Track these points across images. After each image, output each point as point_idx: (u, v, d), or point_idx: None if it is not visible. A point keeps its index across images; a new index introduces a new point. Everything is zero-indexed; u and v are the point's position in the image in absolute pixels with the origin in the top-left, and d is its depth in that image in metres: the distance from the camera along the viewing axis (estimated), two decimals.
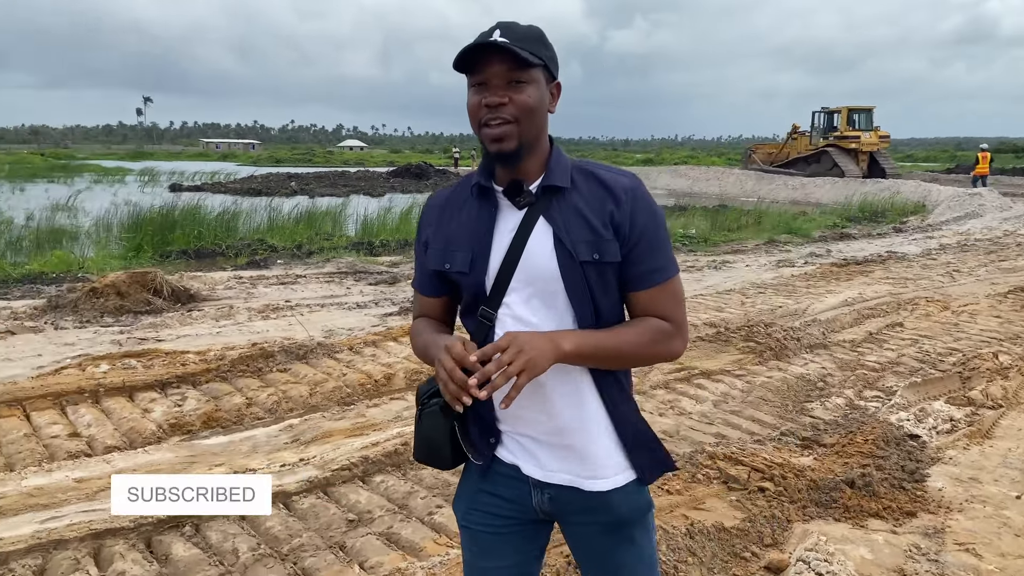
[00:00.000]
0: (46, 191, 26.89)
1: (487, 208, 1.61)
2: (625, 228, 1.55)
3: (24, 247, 13.24)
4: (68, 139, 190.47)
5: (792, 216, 18.80)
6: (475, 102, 1.52)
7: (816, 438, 4.47)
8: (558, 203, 1.56)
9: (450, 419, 1.63)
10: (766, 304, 8.27)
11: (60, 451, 4.22)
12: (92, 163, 53.89)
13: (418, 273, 1.76)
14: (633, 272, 1.57)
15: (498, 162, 1.56)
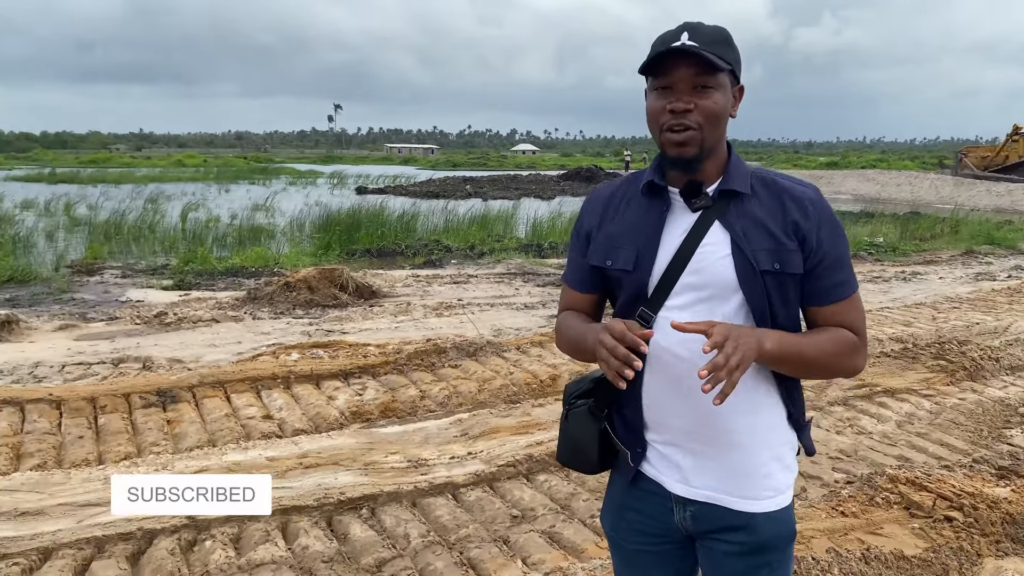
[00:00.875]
0: (247, 192, 29.36)
1: (658, 207, 1.57)
2: (812, 241, 1.50)
3: (228, 243, 14.54)
4: (267, 144, 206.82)
5: (995, 225, 17.20)
6: (658, 106, 1.49)
7: (1015, 468, 4.08)
8: (736, 209, 1.52)
9: (599, 421, 1.63)
10: (961, 320, 7.63)
11: (255, 431, 4.61)
12: (288, 166, 58.16)
13: (571, 267, 1.72)
14: (817, 286, 1.52)
15: (676, 167, 1.53)
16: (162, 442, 4.40)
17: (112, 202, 20.55)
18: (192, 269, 11.07)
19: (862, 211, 23.17)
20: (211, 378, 5.37)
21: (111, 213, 17.35)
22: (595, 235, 1.64)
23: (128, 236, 15.02)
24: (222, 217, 18.56)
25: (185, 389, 5.19)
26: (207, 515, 3.31)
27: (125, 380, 5.36)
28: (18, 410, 4.68)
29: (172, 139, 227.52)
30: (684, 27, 1.48)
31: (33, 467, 3.97)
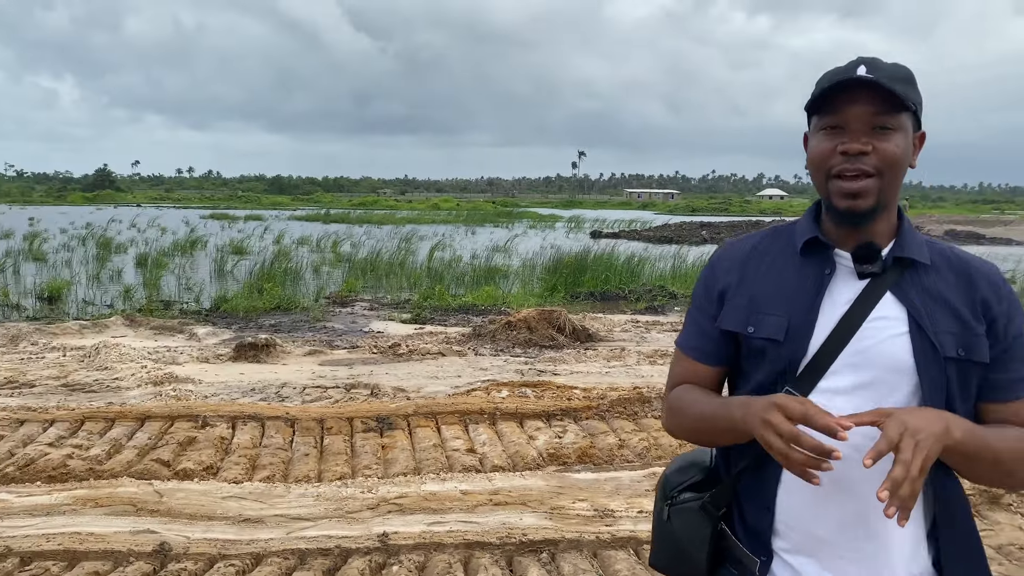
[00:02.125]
0: (491, 234, 31.02)
1: (817, 269, 1.34)
2: (1001, 325, 1.30)
3: (465, 281, 15.45)
4: (515, 189, 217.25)
5: None
6: (827, 148, 1.29)
7: None
8: (912, 280, 1.32)
9: (713, 520, 1.40)
10: None
11: (457, 463, 4.83)
12: (531, 211, 60.82)
13: (693, 332, 1.47)
14: (1002, 378, 1.30)
15: (845, 221, 1.32)
16: (374, 466, 4.74)
17: (372, 240, 22.70)
18: (429, 305, 11.89)
19: None
20: (425, 408, 5.72)
21: (369, 251, 19.15)
22: (732, 296, 1.40)
23: (381, 272, 16.44)
24: (464, 257, 19.76)
25: (401, 417, 5.57)
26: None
27: (352, 405, 5.87)
28: (260, 425, 5.29)
29: (431, 184, 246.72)
30: (861, 61, 1.29)
31: (263, 478, 4.46)
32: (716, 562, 1.42)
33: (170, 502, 4.01)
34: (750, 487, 1.37)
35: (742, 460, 1.38)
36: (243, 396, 6.33)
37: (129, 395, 6.31)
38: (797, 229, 1.41)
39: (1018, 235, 37.46)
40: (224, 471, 4.55)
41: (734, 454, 1.41)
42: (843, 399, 1.27)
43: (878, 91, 1.25)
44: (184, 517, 3.85)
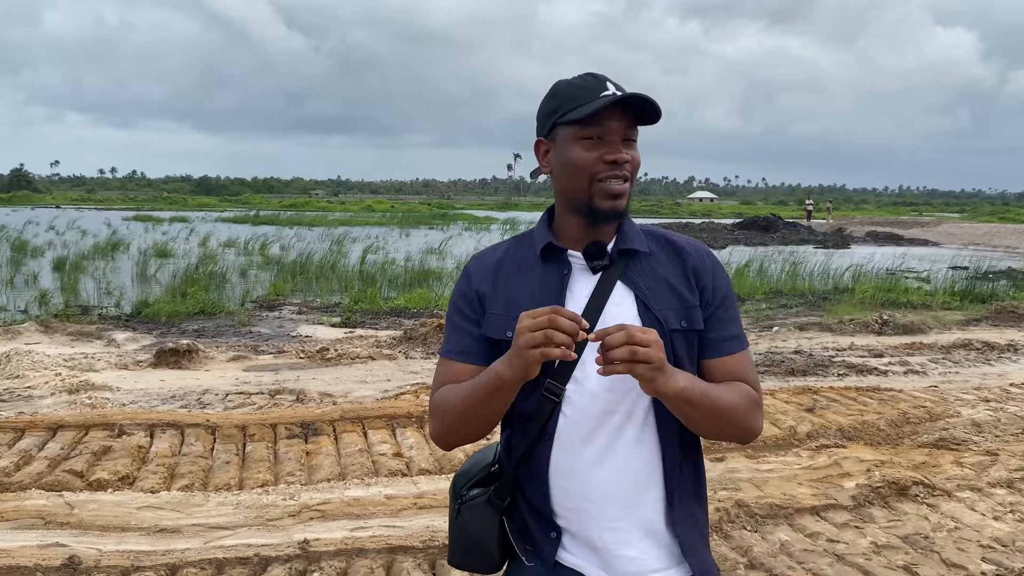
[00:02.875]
0: (425, 236, 30.86)
1: (556, 271, 1.48)
2: (709, 293, 1.49)
3: (398, 284, 15.33)
4: (451, 191, 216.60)
5: None
6: (591, 157, 1.41)
7: None
8: (636, 268, 1.48)
9: (499, 510, 1.50)
10: None
11: (383, 468, 4.80)
12: (467, 213, 60.63)
13: (458, 338, 1.53)
14: (715, 338, 1.49)
15: (602, 220, 1.46)
16: (297, 472, 4.68)
17: (303, 243, 22.32)
18: (360, 308, 11.77)
19: None
20: (352, 413, 5.66)
21: (299, 253, 18.83)
22: (490, 305, 1.50)
23: (311, 275, 16.18)
24: (397, 259, 19.61)
25: (327, 423, 5.50)
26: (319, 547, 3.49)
27: (276, 411, 5.77)
28: (179, 433, 5.16)
29: (366, 186, 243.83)
30: (602, 78, 1.44)
31: (181, 487, 4.35)
32: (508, 550, 1.52)
33: (81, 514, 3.88)
34: (529, 474, 1.47)
35: (520, 448, 1.47)
36: (163, 403, 6.16)
37: (42, 404, 6.09)
38: (535, 237, 1.54)
39: (934, 236, 39.14)
40: (140, 481, 4.42)
41: (512, 446, 1.50)
42: (594, 382, 1.41)
43: (634, 106, 1.41)
44: (96, 529, 3.73)
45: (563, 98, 1.45)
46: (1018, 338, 9.82)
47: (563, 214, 1.52)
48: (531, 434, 1.45)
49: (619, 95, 1.40)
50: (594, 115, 1.40)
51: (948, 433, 5.53)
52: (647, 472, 1.45)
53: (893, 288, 14.77)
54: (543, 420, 1.44)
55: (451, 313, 1.56)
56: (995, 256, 26.69)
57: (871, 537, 3.92)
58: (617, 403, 1.43)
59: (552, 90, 1.49)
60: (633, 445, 1.44)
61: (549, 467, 1.45)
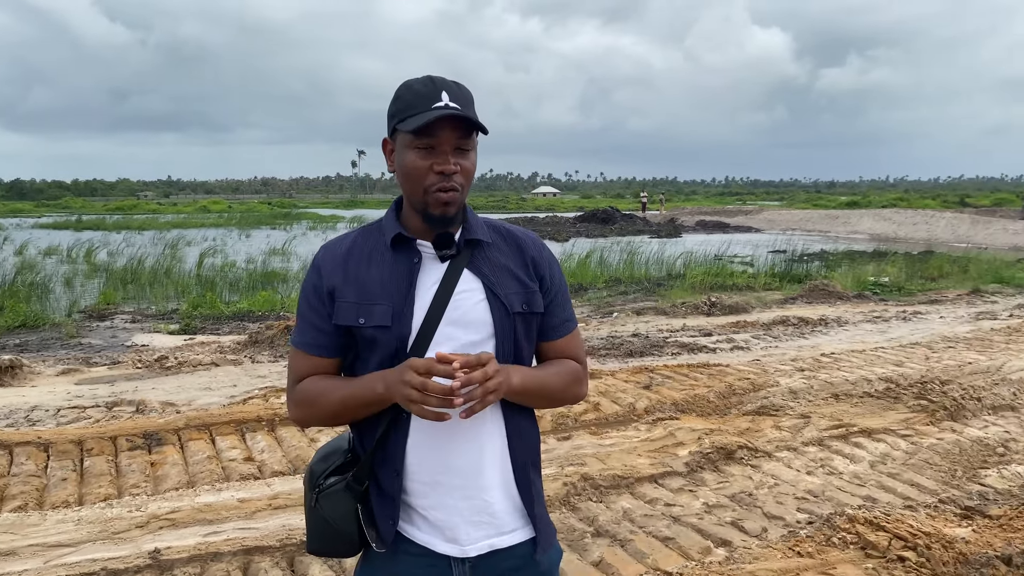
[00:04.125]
0: (267, 237, 29.81)
1: (406, 260, 1.58)
2: (547, 281, 1.65)
3: (240, 287, 14.81)
4: (293, 189, 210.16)
5: (1006, 264, 17.07)
6: (424, 166, 1.51)
7: (981, 508, 4.08)
8: (481, 256, 1.60)
9: (357, 495, 1.57)
10: (954, 360, 7.60)
11: (234, 473, 4.71)
12: (311, 211, 59.02)
13: (308, 330, 1.60)
14: (551, 321, 1.66)
15: (435, 224, 1.56)
16: (143, 484, 4.51)
17: (133, 248, 21.04)
18: (200, 314, 11.31)
19: (875, 250, 23.08)
20: (197, 421, 5.50)
21: (130, 259, 17.77)
22: (340, 294, 1.56)
23: (144, 282, 15.33)
24: (238, 262, 18.91)
25: (171, 432, 5.32)
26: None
27: (114, 423, 5.51)
28: (7, 453, 4.84)
29: (199, 186, 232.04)
30: (440, 85, 1.52)
31: (14, 509, 4.10)
32: (364, 534, 1.60)
33: None
34: (383, 457, 1.57)
35: (374, 434, 1.57)
36: None
37: None
38: (384, 227, 1.63)
39: (756, 223, 42.15)
40: None
41: (366, 432, 1.59)
42: None
43: (464, 121, 1.50)
44: None
45: (402, 103, 1.53)
46: (829, 313, 10.84)
47: (409, 209, 1.61)
48: (385, 418, 1.55)
49: (444, 112, 1.47)
50: (425, 126, 1.48)
51: (768, 401, 6.08)
52: (497, 443, 1.58)
53: (720, 272, 15.84)
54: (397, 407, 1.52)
55: (301, 305, 1.62)
56: (810, 239, 29.13)
57: (703, 498, 4.28)
58: None
59: (396, 92, 1.56)
60: (483, 420, 1.56)
61: (406, 447, 1.55)
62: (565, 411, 5.75)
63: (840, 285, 13.10)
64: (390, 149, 1.60)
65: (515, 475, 1.60)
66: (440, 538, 1.56)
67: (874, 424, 5.52)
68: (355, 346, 1.59)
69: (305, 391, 1.58)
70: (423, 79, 1.54)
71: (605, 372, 7.07)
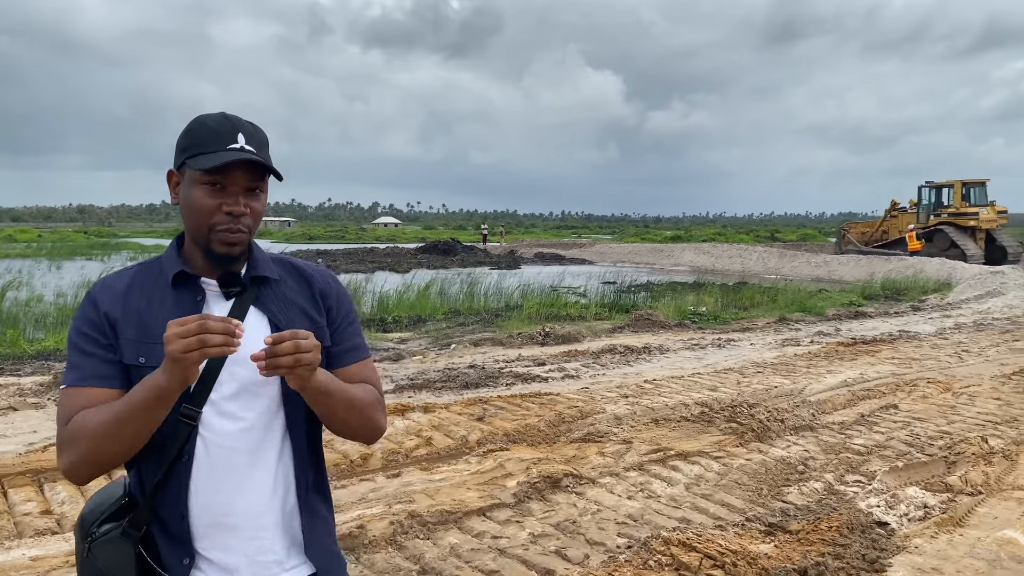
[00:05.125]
0: (82, 268, 27.68)
1: (190, 297, 1.53)
2: (334, 312, 1.67)
3: (48, 323, 13.62)
4: (113, 218, 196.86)
5: (808, 294, 18.69)
6: (212, 205, 1.48)
7: (782, 524, 4.40)
8: (268, 293, 1.60)
9: (134, 541, 1.49)
10: (762, 384, 8.20)
11: (28, 528, 4.30)
12: (132, 241, 55.58)
13: (88, 364, 1.48)
14: (340, 349, 1.66)
15: (218, 263, 1.54)
16: None
17: None
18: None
19: (695, 281, 24.59)
20: None
21: None
22: (121, 330, 1.50)
23: None
24: (46, 296, 17.40)
25: None
26: None
27: None
28: None
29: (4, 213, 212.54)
30: (238, 126, 1.51)
31: None
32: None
33: None
34: (164, 500, 1.50)
35: (155, 475, 1.49)
36: None
37: None
38: (164, 264, 1.59)
39: (590, 255, 43.93)
40: None
41: (147, 471, 1.51)
42: (232, 404, 1.51)
43: (258, 165, 1.50)
44: None
45: (195, 138, 1.50)
46: (652, 341, 11.40)
47: (192, 246, 1.57)
48: (167, 459, 1.48)
49: (240, 157, 1.46)
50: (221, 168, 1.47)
51: (594, 428, 6.29)
52: (284, 479, 1.57)
53: (555, 303, 16.31)
54: (180, 443, 1.47)
55: (75, 341, 1.51)
56: (638, 271, 30.61)
57: (529, 528, 4.35)
58: (255, 420, 1.53)
59: (188, 126, 1.53)
60: (271, 456, 1.55)
61: (189, 488, 1.49)
62: (396, 447, 5.69)
63: (663, 315, 13.83)
64: (175, 182, 1.57)
65: (303, 509, 1.58)
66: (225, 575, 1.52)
67: (690, 447, 5.84)
68: None
69: (73, 424, 1.43)
70: (219, 116, 1.52)
71: (440, 405, 7.06)
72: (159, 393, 1.36)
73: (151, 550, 1.51)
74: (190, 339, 1.29)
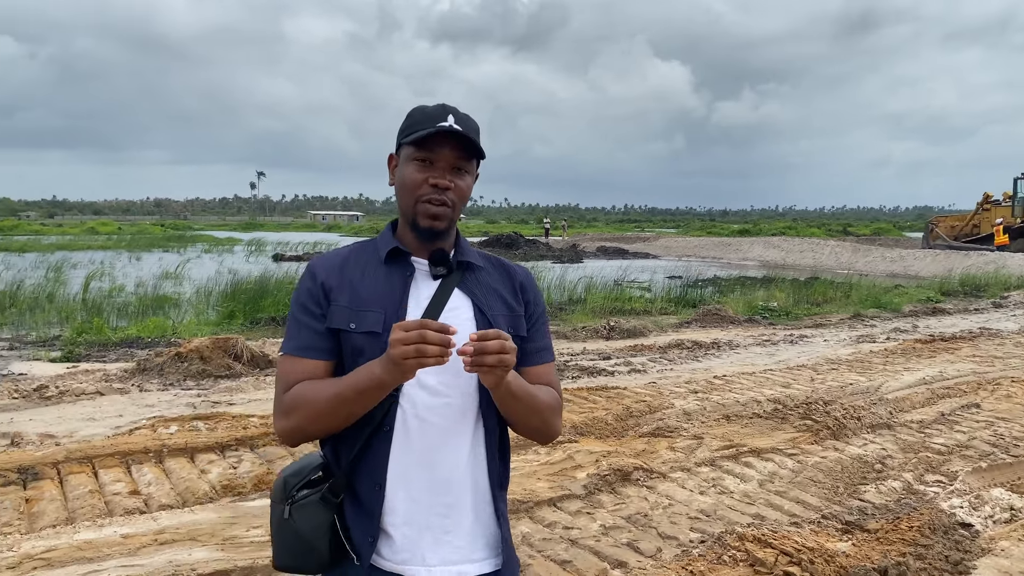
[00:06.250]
0: (159, 260, 28.72)
1: (401, 273, 1.62)
2: (531, 306, 1.71)
3: (129, 312, 14.17)
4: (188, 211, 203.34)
5: (883, 290, 18.15)
6: (419, 178, 1.58)
7: (860, 523, 4.30)
8: (472, 278, 1.66)
9: (332, 508, 1.55)
10: (836, 381, 8.01)
11: (118, 507, 4.49)
12: (206, 233, 57.29)
13: (303, 335, 1.59)
14: (530, 348, 1.69)
15: (423, 237, 1.61)
16: (15, 522, 4.23)
17: (12, 271, 19.82)
18: (85, 340, 10.74)
19: (764, 276, 24.11)
20: (79, 453, 5.21)
21: (8, 283, 16.73)
22: (335, 298, 1.59)
23: (24, 306, 14.46)
24: (127, 286, 18.11)
25: (50, 465, 5.02)
26: None
27: None
28: None
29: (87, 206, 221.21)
30: (449, 110, 1.59)
31: None
32: (336, 549, 1.57)
33: None
34: (363, 469, 1.56)
35: (353, 446, 1.56)
36: None
37: None
38: (379, 243, 1.68)
39: (654, 249, 43.45)
40: None
41: (345, 444, 1.58)
42: (432, 376, 1.55)
43: (462, 141, 1.57)
44: None
45: (411, 121, 1.61)
46: (721, 337, 11.24)
47: (403, 225, 1.66)
48: (367, 429, 1.53)
49: (443, 127, 1.54)
50: (426, 141, 1.56)
51: (664, 422, 6.24)
52: (476, 465, 1.60)
53: (619, 297, 16.21)
54: (381, 414, 1.53)
55: (294, 312, 1.62)
56: (704, 266, 30.19)
57: (600, 520, 4.35)
58: (453, 399, 1.56)
59: (408, 113, 1.65)
60: (466, 439, 1.58)
61: (388, 461, 1.54)
62: None
63: (732, 310, 13.62)
64: (393, 164, 1.67)
65: (492, 498, 1.61)
66: (408, 557, 1.55)
67: (763, 444, 5.74)
68: (340, 357, 1.58)
69: (295, 394, 1.54)
70: (435, 104, 1.62)
71: None
72: (378, 384, 1.45)
73: (341, 522, 1.57)
74: (409, 347, 1.35)
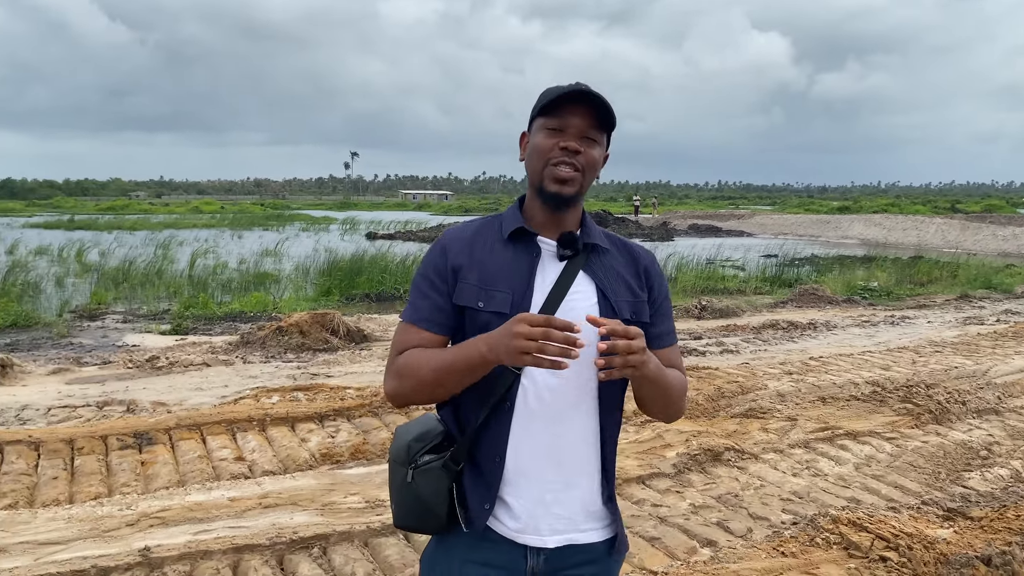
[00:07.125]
0: (260, 238, 29.81)
1: (527, 253, 1.61)
2: (655, 291, 1.69)
3: (232, 288, 14.82)
4: (286, 191, 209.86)
5: (994, 269, 17.20)
6: (550, 143, 1.57)
7: (963, 510, 4.14)
8: (597, 261, 1.63)
9: (452, 475, 1.59)
10: (940, 364, 7.68)
11: (225, 472, 4.74)
12: (303, 213, 58.95)
13: (424, 306, 1.62)
14: (654, 332, 1.66)
15: (551, 202, 1.60)
16: (133, 483, 4.53)
17: (124, 248, 21.00)
18: (192, 314, 11.31)
19: (864, 255, 23.21)
20: (188, 420, 5.52)
21: (121, 259, 17.73)
22: (464, 275, 1.60)
23: (135, 282, 15.31)
24: (230, 263, 18.90)
25: (162, 431, 5.34)
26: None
27: (104, 423, 5.52)
28: None
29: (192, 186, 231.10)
30: (582, 84, 1.58)
31: (4, 507, 4.12)
32: (453, 513, 1.61)
33: None
34: (485, 441, 1.58)
35: (476, 417, 1.58)
36: None
37: None
38: (505, 220, 1.67)
39: (748, 227, 42.33)
40: None
41: (465, 415, 1.61)
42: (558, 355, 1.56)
43: (594, 104, 1.56)
44: None
45: (544, 98, 1.61)
46: (818, 317, 10.92)
47: (531, 199, 1.66)
48: (489, 402, 1.56)
49: (575, 88, 1.56)
50: (557, 107, 1.57)
51: (756, 404, 6.14)
52: (592, 444, 1.61)
53: (711, 276, 15.93)
54: (504, 389, 1.55)
55: (419, 282, 1.65)
56: (801, 244, 29.27)
57: (690, 499, 4.33)
58: (575, 376, 1.54)
59: (541, 93, 1.64)
60: (583, 418, 1.59)
61: (509, 435, 1.56)
62: None
63: (830, 289, 13.19)
64: (525, 141, 1.67)
65: (603, 472, 1.63)
66: (522, 526, 1.57)
67: (859, 427, 5.58)
68: (463, 332, 1.60)
69: (405, 360, 1.58)
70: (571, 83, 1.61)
71: None
72: (481, 362, 1.46)
73: (459, 490, 1.61)
74: (531, 343, 1.35)
